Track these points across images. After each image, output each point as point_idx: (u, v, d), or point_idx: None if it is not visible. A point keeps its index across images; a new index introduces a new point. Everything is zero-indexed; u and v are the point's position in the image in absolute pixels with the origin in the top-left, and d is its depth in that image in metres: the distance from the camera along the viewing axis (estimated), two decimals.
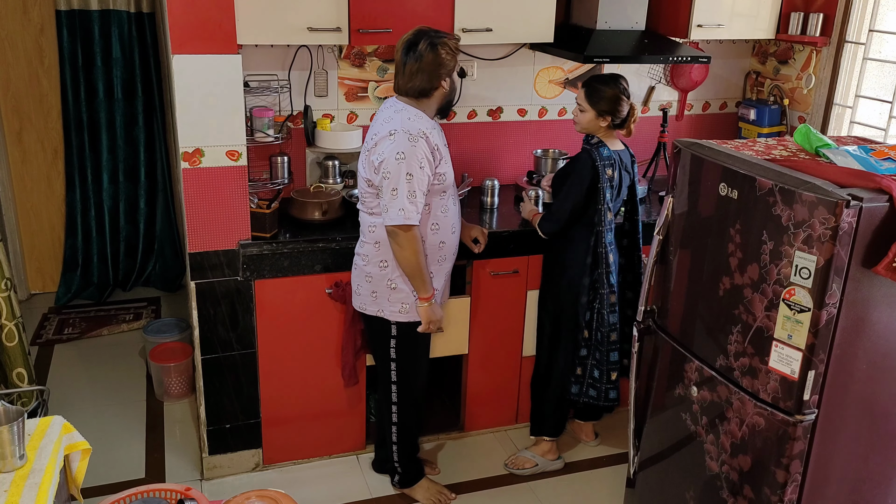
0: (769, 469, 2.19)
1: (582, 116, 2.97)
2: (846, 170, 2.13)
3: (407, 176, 2.56)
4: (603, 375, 3.13)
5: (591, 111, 2.94)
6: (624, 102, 2.94)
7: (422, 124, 2.63)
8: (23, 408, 2.51)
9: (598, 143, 2.97)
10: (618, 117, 2.95)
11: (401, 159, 2.55)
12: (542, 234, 3.07)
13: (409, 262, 2.66)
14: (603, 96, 2.92)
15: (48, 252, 4.81)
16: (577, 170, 2.97)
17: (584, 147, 3.00)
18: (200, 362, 3.06)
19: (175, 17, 2.68)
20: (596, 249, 3.01)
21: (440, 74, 2.63)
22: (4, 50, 4.41)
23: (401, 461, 3.07)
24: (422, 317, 2.78)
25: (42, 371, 3.98)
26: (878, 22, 3.52)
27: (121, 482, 3.13)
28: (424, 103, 2.69)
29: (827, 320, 2.02)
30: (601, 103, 2.92)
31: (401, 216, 2.57)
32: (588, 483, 3.30)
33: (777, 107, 3.92)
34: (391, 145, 2.57)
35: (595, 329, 3.09)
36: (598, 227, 2.99)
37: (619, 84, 2.94)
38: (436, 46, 2.60)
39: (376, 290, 2.79)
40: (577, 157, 3.00)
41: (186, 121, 2.79)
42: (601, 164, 2.93)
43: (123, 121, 4.58)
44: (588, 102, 2.94)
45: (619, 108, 2.93)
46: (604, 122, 2.95)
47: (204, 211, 2.90)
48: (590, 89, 2.94)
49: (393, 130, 2.59)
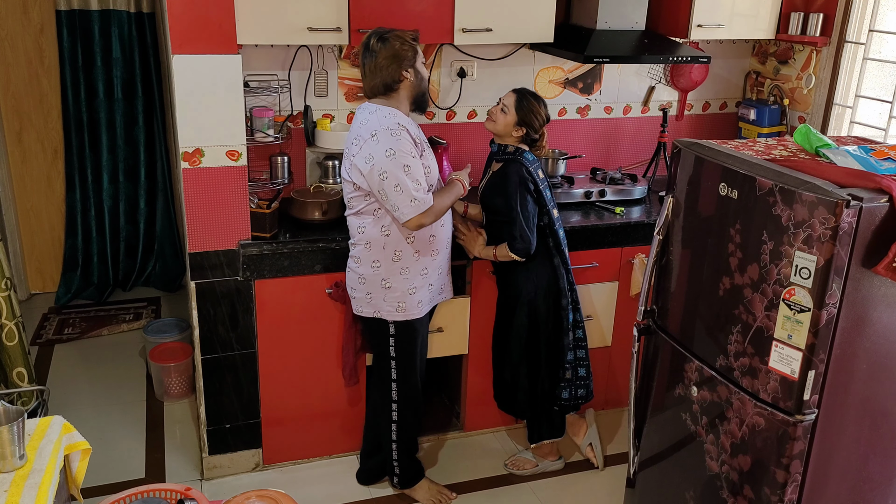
0: (769, 469, 2.19)
1: (502, 118, 2.95)
2: (846, 170, 2.13)
3: (405, 168, 2.57)
4: (588, 372, 3.14)
5: (513, 117, 2.93)
6: (542, 122, 2.97)
7: (399, 119, 2.65)
8: (23, 408, 2.52)
9: (516, 149, 2.97)
10: (530, 135, 2.97)
11: (391, 155, 2.57)
12: (521, 258, 2.95)
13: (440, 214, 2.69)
14: (532, 109, 2.93)
15: (48, 252, 4.81)
16: (517, 181, 2.91)
17: (507, 157, 2.96)
18: (200, 362, 3.06)
19: (175, 17, 2.68)
20: (559, 249, 3.02)
21: (399, 66, 2.63)
22: (4, 50, 4.41)
23: (400, 460, 3.06)
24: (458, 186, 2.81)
25: (42, 371, 3.98)
26: (878, 22, 3.52)
27: (121, 482, 3.13)
28: (395, 99, 2.69)
29: (827, 320, 2.02)
30: (527, 115, 2.93)
31: (415, 207, 2.59)
32: (588, 483, 3.30)
33: (777, 107, 3.92)
34: (377, 146, 2.58)
35: (574, 328, 3.11)
36: (553, 228, 3.00)
37: (546, 108, 2.98)
38: (386, 39, 2.62)
39: (371, 291, 2.79)
40: (509, 169, 2.93)
41: (186, 121, 2.79)
42: (533, 167, 2.95)
43: (123, 121, 4.59)
44: (515, 108, 2.93)
45: (537, 127, 2.96)
46: (518, 132, 2.95)
47: (204, 211, 2.90)
48: (522, 98, 2.94)
49: (374, 131, 2.61)
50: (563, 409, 3.25)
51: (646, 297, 2.60)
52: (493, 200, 3.00)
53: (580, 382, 3.17)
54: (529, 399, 3.18)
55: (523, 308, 3.05)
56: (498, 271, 3.16)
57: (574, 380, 3.15)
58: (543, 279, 3.02)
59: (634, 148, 4.00)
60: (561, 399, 3.17)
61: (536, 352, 3.11)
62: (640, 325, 2.64)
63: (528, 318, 3.07)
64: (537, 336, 3.09)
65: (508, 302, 3.11)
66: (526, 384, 3.15)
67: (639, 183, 3.73)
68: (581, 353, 3.15)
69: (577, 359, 3.15)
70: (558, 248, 3.04)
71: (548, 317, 3.07)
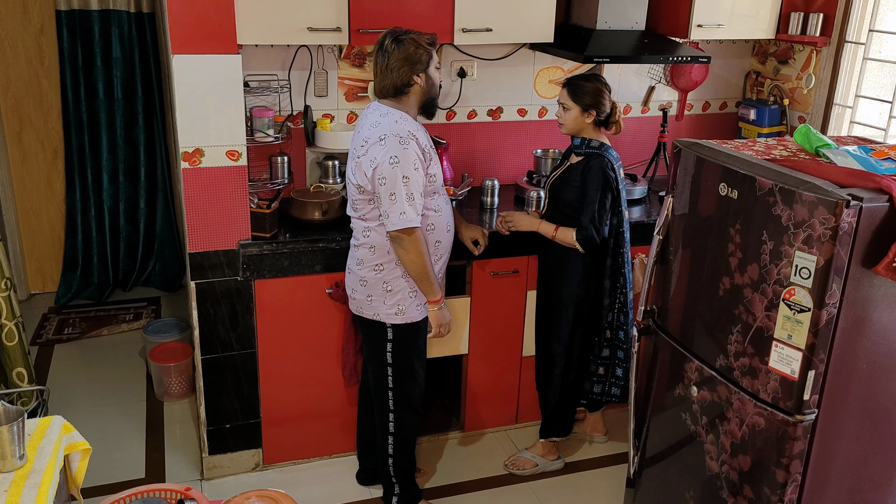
0: (769, 469, 2.19)
1: (567, 115, 2.94)
2: (846, 170, 2.13)
3: (403, 179, 2.54)
4: (625, 374, 3.15)
5: (575, 108, 2.92)
6: (606, 95, 2.93)
7: (409, 126, 2.61)
8: (23, 408, 2.52)
9: (601, 144, 2.96)
10: (602, 112, 2.93)
11: (395, 163, 2.53)
12: (582, 248, 2.93)
13: (415, 265, 2.63)
14: (586, 91, 2.91)
15: (48, 252, 4.81)
16: (601, 174, 2.90)
17: (592, 150, 2.94)
18: (200, 362, 3.06)
19: (175, 17, 2.68)
20: (617, 250, 3.03)
21: (411, 70, 2.60)
22: (4, 50, 4.41)
23: (398, 477, 2.98)
24: (432, 321, 2.76)
25: (42, 371, 3.98)
26: (878, 22, 3.52)
27: (121, 482, 3.13)
28: (404, 102, 2.66)
29: (827, 320, 2.02)
30: (585, 98, 2.90)
31: (403, 220, 2.55)
32: (588, 483, 3.30)
33: (777, 107, 3.92)
34: (383, 150, 2.55)
35: (617, 328, 3.13)
36: (620, 229, 3.01)
37: (600, 79, 2.96)
38: (401, 41, 2.58)
39: (371, 293, 2.75)
40: (593, 162, 2.92)
41: (186, 121, 2.79)
42: (616, 164, 2.95)
43: (123, 121, 4.59)
44: (572, 99, 2.92)
45: (602, 102, 2.92)
46: (589, 117, 2.93)
47: (204, 211, 2.90)
48: (571, 87, 2.93)
49: (383, 135, 2.57)
50: (591, 404, 3.31)
51: (646, 297, 2.61)
52: (565, 191, 2.99)
53: (615, 381, 3.21)
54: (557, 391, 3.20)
55: (566, 308, 3.07)
56: (543, 267, 3.17)
57: (609, 377, 3.20)
58: (595, 276, 3.04)
59: (634, 148, 4.00)
60: (592, 393, 3.21)
61: (569, 350, 3.13)
62: (640, 325, 2.64)
63: (570, 316, 3.08)
64: (573, 335, 3.11)
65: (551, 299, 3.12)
66: (559, 379, 3.17)
67: (639, 183, 3.73)
68: (621, 354, 3.17)
69: (617, 359, 3.17)
70: (617, 249, 3.03)
71: (589, 315, 3.10)
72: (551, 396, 3.22)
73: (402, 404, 2.88)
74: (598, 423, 3.53)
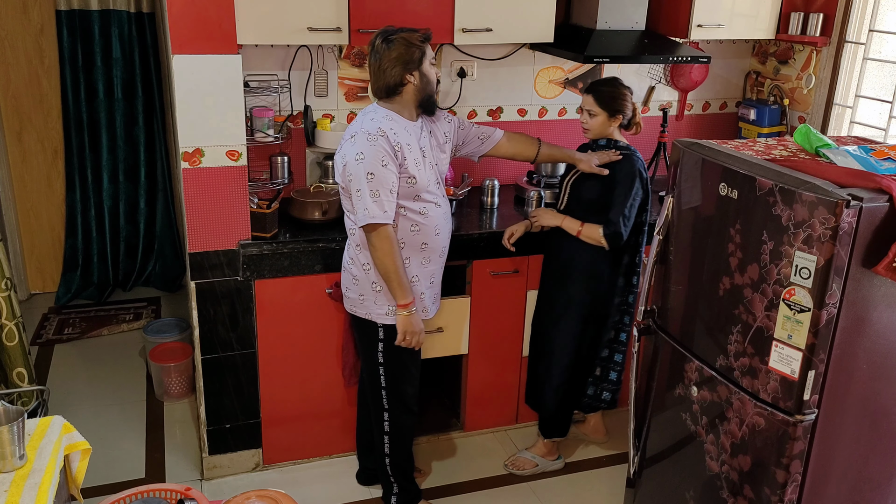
0: (769, 469, 2.19)
1: (594, 121, 2.98)
2: (846, 170, 2.13)
3: (368, 175, 2.53)
4: (619, 378, 3.15)
5: (602, 114, 2.96)
6: (629, 99, 2.99)
7: (383, 123, 2.58)
8: (23, 408, 2.51)
9: (627, 146, 2.99)
10: (626, 115, 2.99)
11: (360, 159, 2.53)
12: (608, 245, 2.91)
13: (381, 264, 2.60)
14: (612, 96, 2.96)
15: (48, 252, 4.81)
16: (634, 172, 2.92)
17: (624, 152, 2.96)
18: (200, 362, 3.06)
19: (175, 17, 2.68)
20: (636, 249, 3.05)
21: (404, 69, 2.58)
22: (4, 50, 4.41)
23: (396, 476, 2.97)
24: (398, 326, 2.67)
25: (42, 371, 3.98)
26: (878, 22, 3.52)
27: (121, 482, 3.13)
28: (400, 102, 2.65)
29: (827, 320, 2.02)
30: (612, 103, 2.95)
31: (366, 216, 2.54)
32: (588, 483, 3.30)
33: (777, 107, 3.92)
34: (352, 147, 2.56)
35: (619, 330, 3.13)
36: (643, 228, 3.03)
37: (622, 83, 3.01)
38: (391, 42, 2.57)
39: (363, 293, 2.75)
40: (626, 163, 2.93)
41: (186, 121, 2.79)
42: (644, 166, 2.98)
43: (123, 121, 4.59)
44: (599, 106, 2.96)
45: (626, 105, 2.98)
46: (615, 121, 2.98)
47: (204, 211, 2.90)
48: (597, 93, 2.97)
49: (353, 132, 2.59)
50: (582, 406, 3.29)
51: (646, 296, 2.61)
52: (589, 189, 2.99)
53: (607, 385, 3.21)
54: (557, 394, 3.18)
55: (578, 306, 3.06)
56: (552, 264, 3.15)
57: (602, 380, 3.20)
58: (611, 273, 3.03)
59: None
60: (584, 395, 3.21)
61: (577, 348, 3.12)
62: (640, 325, 2.64)
63: (579, 316, 3.07)
64: (583, 334, 3.10)
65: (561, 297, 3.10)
66: (559, 380, 3.15)
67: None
68: (618, 357, 3.17)
69: (613, 361, 3.17)
70: (637, 247, 3.05)
71: (598, 316, 3.09)
72: (552, 396, 3.21)
73: (396, 403, 2.87)
74: (599, 426, 3.53)
